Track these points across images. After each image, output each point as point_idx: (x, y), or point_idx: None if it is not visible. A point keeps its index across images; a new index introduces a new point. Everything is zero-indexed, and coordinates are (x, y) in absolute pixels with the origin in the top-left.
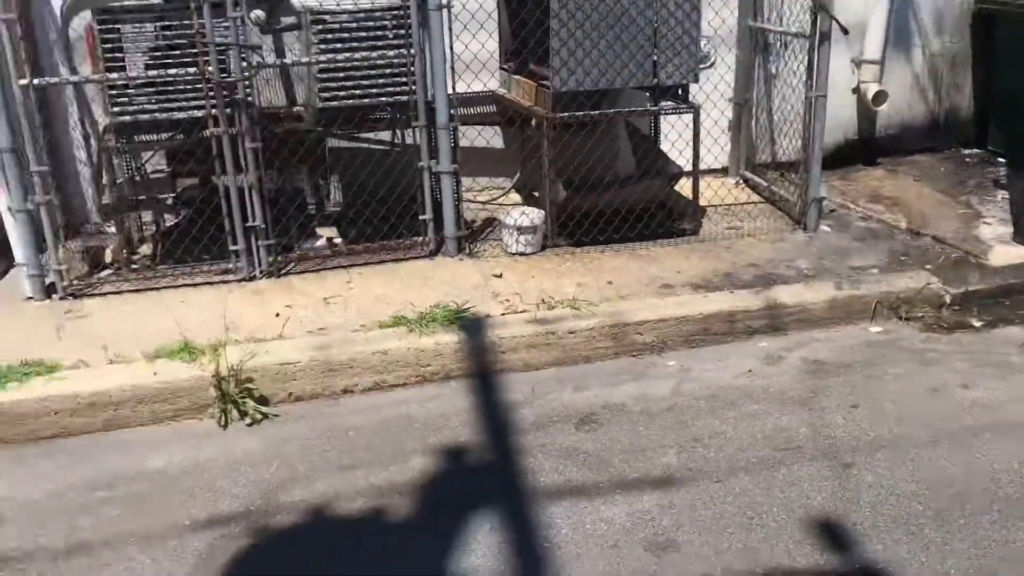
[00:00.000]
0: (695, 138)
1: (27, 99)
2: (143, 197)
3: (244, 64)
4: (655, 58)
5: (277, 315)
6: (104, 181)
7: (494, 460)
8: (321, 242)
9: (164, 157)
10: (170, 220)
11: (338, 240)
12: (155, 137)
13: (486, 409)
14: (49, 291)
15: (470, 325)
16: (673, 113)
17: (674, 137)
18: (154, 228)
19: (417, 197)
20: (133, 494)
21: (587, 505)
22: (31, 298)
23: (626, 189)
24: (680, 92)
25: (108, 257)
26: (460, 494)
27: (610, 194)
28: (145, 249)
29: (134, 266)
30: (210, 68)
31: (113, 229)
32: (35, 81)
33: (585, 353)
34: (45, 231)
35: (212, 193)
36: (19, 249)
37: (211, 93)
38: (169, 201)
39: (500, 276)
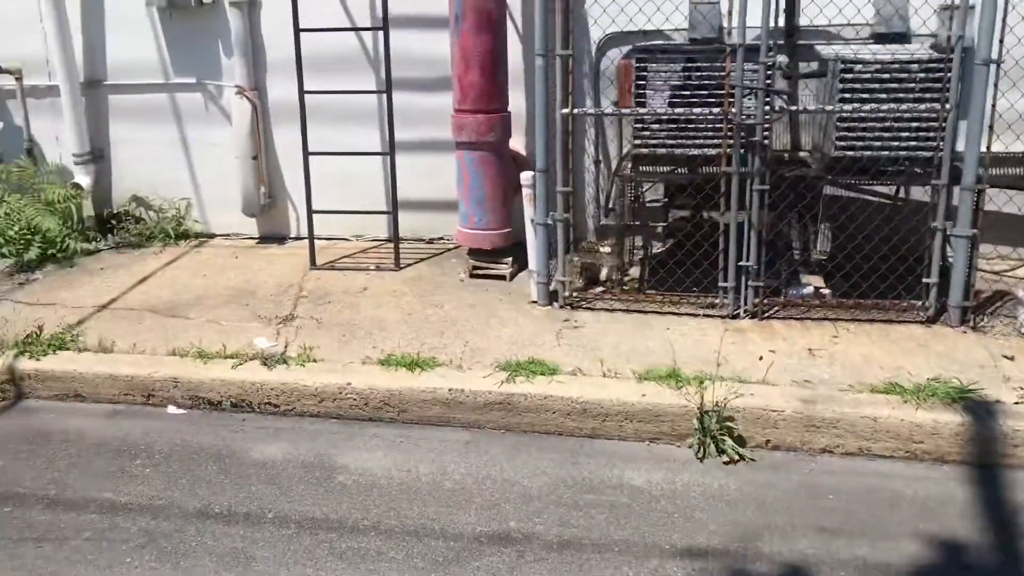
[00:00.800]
0: None
1: (564, 127)
2: (637, 223)
3: (767, 108)
4: None
5: (760, 358)
6: (610, 205)
7: (995, 567)
8: (808, 290)
9: (661, 188)
10: (658, 248)
11: (825, 291)
12: (661, 169)
13: (989, 505)
14: (551, 298)
15: (975, 408)
16: None
17: None
18: (642, 253)
19: (920, 258)
20: (616, 504)
21: None
22: (535, 302)
23: None
24: None
25: (603, 275)
26: None
27: None
28: (634, 272)
29: (624, 287)
30: (733, 109)
31: (606, 249)
32: (575, 111)
33: None
34: (558, 245)
35: (700, 227)
36: (534, 258)
37: (730, 133)
38: (660, 230)
39: (1012, 359)
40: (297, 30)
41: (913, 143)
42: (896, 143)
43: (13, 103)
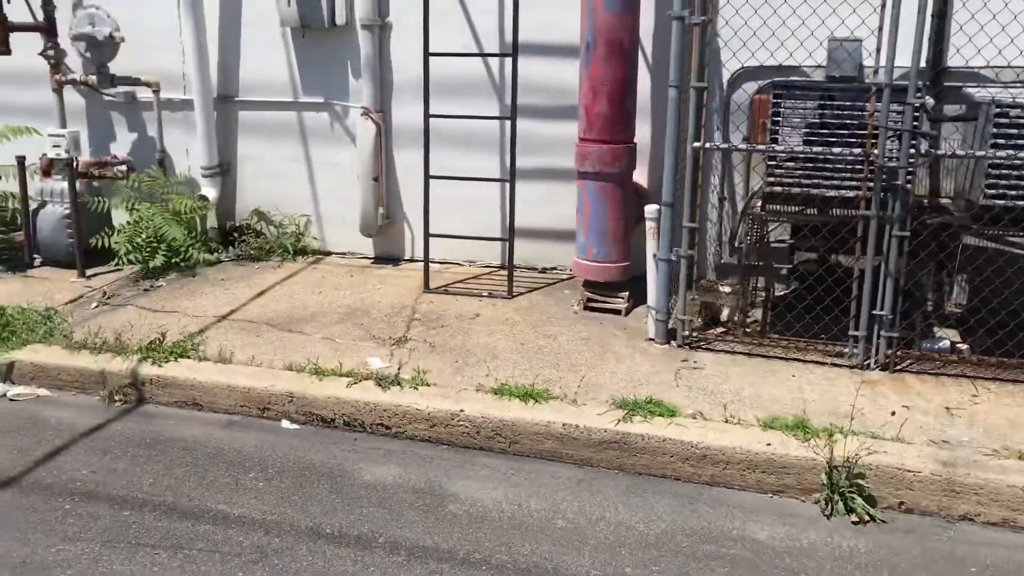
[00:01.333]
0: None
1: (694, 161)
2: (761, 264)
3: (912, 151)
4: None
5: (893, 413)
6: (736, 243)
7: None
8: (943, 344)
9: (788, 229)
10: (780, 290)
11: (963, 345)
12: (792, 209)
13: None
14: (669, 337)
15: None
16: None
17: None
18: (764, 295)
19: None
20: (738, 559)
21: None
22: (652, 339)
23: None
24: None
25: (724, 315)
26: None
27: None
28: (756, 314)
29: (746, 329)
30: (876, 151)
31: (726, 289)
32: (706, 145)
33: None
34: (680, 282)
35: (829, 271)
36: (653, 294)
37: (871, 175)
38: (784, 271)
39: None
40: (427, 54)
41: None
42: None
43: (148, 115)
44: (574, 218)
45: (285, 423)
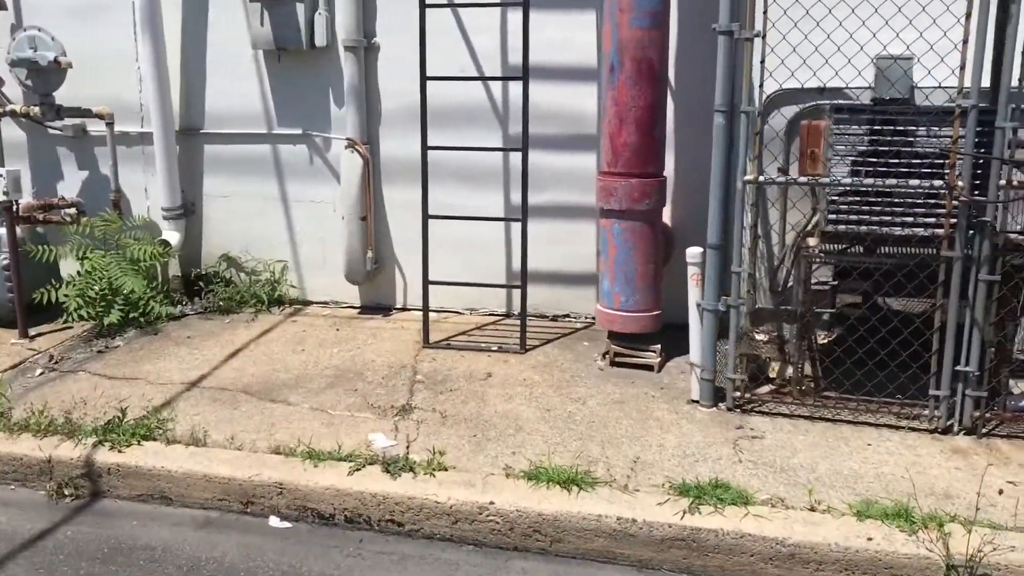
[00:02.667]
0: None
1: (741, 197)
2: (805, 309)
3: (1002, 183)
4: None
5: (1001, 492)
6: (782, 287)
7: None
8: None
9: (831, 270)
10: (824, 338)
11: None
12: (856, 249)
13: None
14: (716, 398)
15: None
16: None
17: None
18: (809, 345)
19: None
20: None
21: None
22: (696, 402)
23: None
24: None
25: (773, 371)
26: None
27: None
28: (806, 367)
29: (801, 387)
30: (960, 183)
31: (762, 337)
32: (760, 179)
33: None
34: (730, 335)
35: (881, 318)
36: (697, 349)
37: (955, 211)
38: (826, 317)
39: None
40: (424, 78)
41: None
42: None
43: (101, 150)
44: (587, 259)
45: (274, 520)
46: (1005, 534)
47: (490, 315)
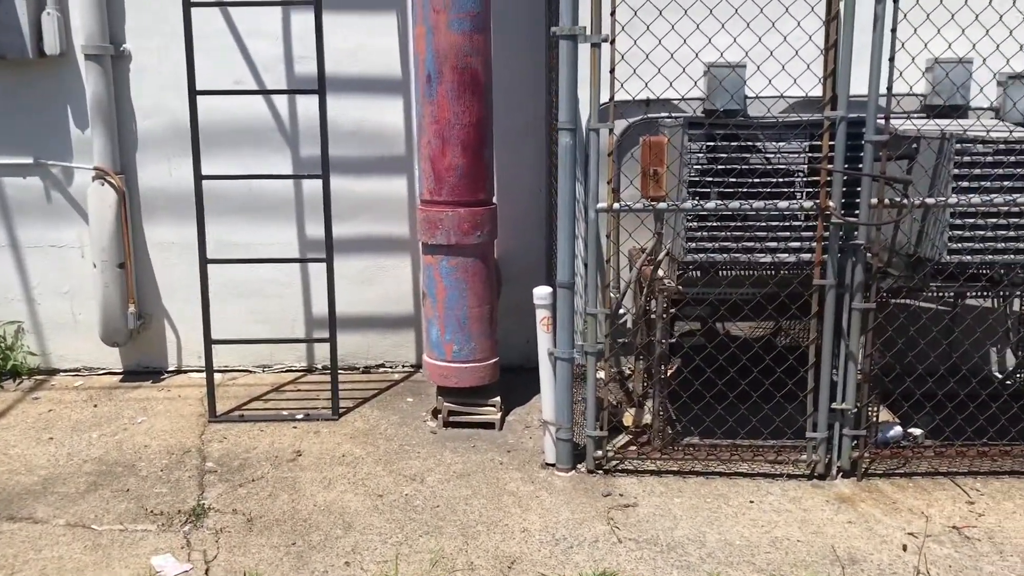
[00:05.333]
0: None
1: (595, 227)
2: (647, 343)
3: (874, 202)
4: None
5: (905, 548)
6: (622, 320)
7: None
8: (895, 431)
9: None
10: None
11: (916, 431)
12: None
13: None
14: (575, 460)
15: None
16: None
17: None
18: (652, 384)
19: None
20: None
21: None
22: (552, 465)
23: None
24: None
25: (627, 420)
26: None
27: None
28: (650, 406)
29: (660, 435)
30: (831, 203)
31: (601, 375)
32: (616, 205)
33: None
34: (588, 387)
35: (719, 347)
36: (551, 405)
37: (826, 234)
38: (664, 347)
39: None
40: (193, 92)
41: None
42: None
43: None
44: (402, 300)
45: None
46: None
47: (288, 371)
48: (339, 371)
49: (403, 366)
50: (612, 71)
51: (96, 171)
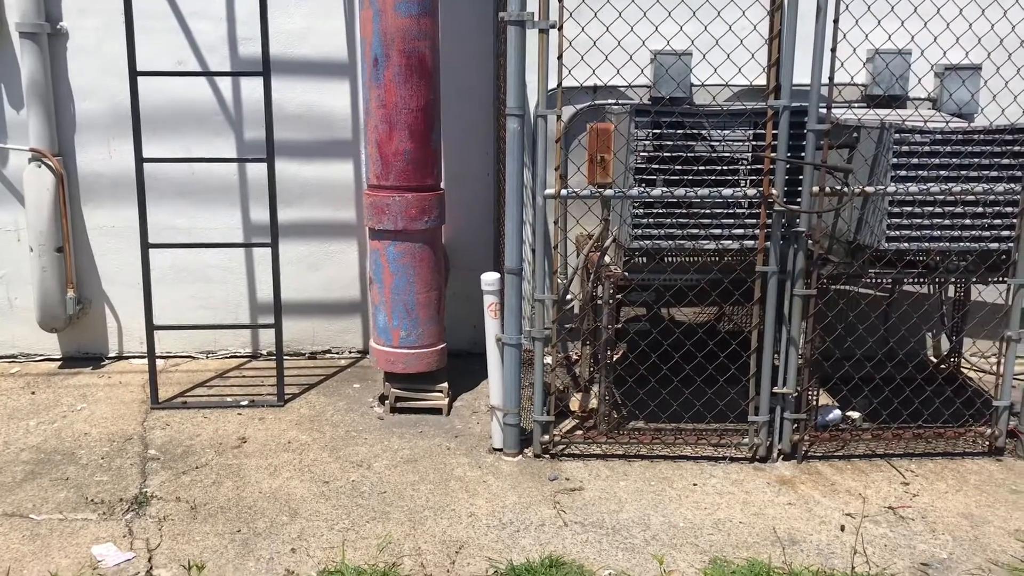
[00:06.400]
0: None
1: (543, 214)
2: (593, 329)
3: (815, 190)
4: None
5: (843, 528)
6: (567, 306)
7: None
8: (834, 414)
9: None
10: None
11: (854, 414)
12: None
13: None
14: (522, 445)
15: None
16: None
17: None
18: (599, 369)
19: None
20: None
21: None
22: (499, 450)
23: None
24: None
25: (574, 404)
26: None
27: None
28: (596, 391)
29: (607, 419)
30: (774, 191)
31: (548, 360)
32: (564, 191)
33: None
34: (536, 372)
35: (664, 332)
36: (499, 390)
37: (768, 221)
38: (610, 332)
39: None
40: (134, 73)
41: (976, 232)
42: (957, 232)
43: None
44: (348, 285)
45: None
46: None
47: (232, 357)
48: (285, 357)
49: (350, 352)
50: (560, 57)
51: (33, 153)
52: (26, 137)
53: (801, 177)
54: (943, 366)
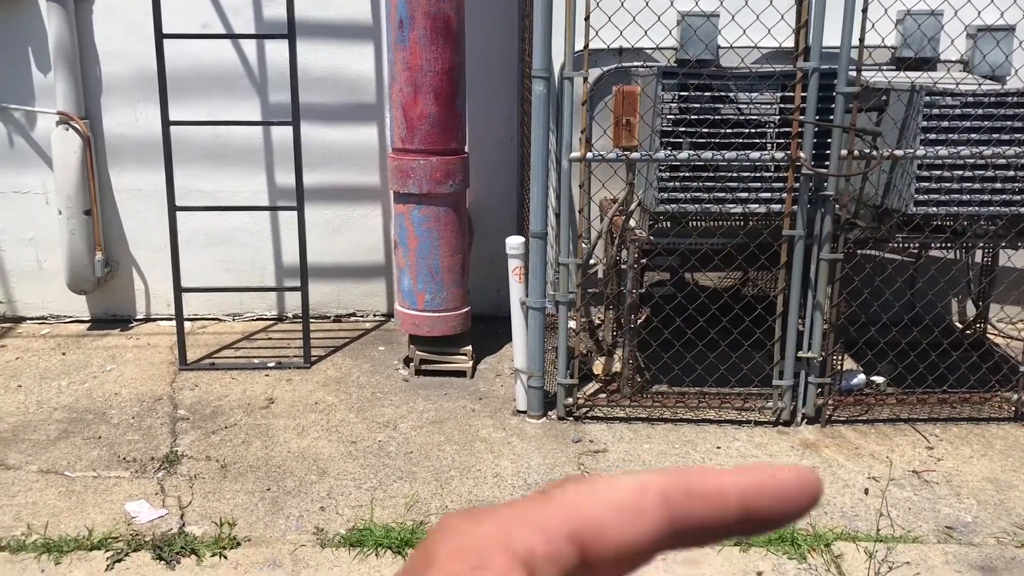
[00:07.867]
0: None
1: (568, 178)
2: (618, 293)
3: (844, 153)
4: None
5: (867, 491)
6: (592, 271)
7: None
8: (860, 378)
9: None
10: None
11: (878, 378)
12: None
13: None
14: (546, 407)
15: None
16: None
17: None
18: (622, 333)
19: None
20: None
21: None
22: (523, 412)
23: None
24: None
25: (597, 368)
26: None
27: None
28: (619, 355)
29: (631, 383)
30: (802, 154)
31: (572, 324)
32: (589, 155)
33: None
34: (560, 335)
35: (689, 296)
36: (523, 353)
37: (796, 185)
38: (634, 296)
39: None
40: (160, 36)
41: (1007, 196)
42: (987, 196)
43: None
44: (373, 249)
45: None
46: (894, 547)
47: (258, 320)
48: (310, 320)
49: (374, 315)
50: (587, 18)
51: (60, 116)
52: (53, 100)
53: (829, 140)
54: (969, 331)
